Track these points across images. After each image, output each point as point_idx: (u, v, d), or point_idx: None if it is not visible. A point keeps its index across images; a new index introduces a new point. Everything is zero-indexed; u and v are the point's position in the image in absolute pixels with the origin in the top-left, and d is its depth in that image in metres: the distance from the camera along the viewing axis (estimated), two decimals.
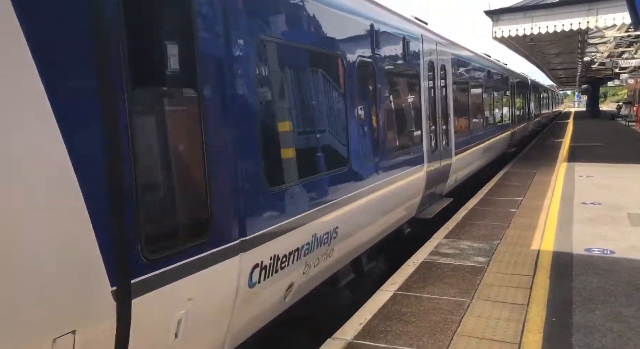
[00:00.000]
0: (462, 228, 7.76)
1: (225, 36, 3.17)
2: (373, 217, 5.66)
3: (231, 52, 3.21)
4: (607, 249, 6.42)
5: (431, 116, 7.93)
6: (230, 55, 3.21)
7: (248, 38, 3.39)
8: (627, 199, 9.46)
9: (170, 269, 2.66)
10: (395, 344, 4.03)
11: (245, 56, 3.34)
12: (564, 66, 39.31)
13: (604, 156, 16.30)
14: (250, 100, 3.37)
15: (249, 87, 3.36)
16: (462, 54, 10.80)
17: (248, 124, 3.33)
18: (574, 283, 5.27)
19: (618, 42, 24.87)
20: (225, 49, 3.17)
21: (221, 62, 3.13)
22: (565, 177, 12.21)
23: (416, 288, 5.28)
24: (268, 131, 3.66)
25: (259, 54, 3.53)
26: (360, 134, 5.27)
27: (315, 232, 4.18)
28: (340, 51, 4.84)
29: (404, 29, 6.93)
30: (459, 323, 4.40)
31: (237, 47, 3.27)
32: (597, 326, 4.26)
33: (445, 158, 8.67)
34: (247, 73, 3.36)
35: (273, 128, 3.76)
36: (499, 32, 14.93)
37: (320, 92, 4.51)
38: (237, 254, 3.16)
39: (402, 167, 6.46)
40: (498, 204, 9.53)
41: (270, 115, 3.77)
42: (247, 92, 3.33)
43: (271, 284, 3.59)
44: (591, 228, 7.44)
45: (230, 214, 3.15)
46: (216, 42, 3.11)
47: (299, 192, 3.96)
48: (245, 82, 3.33)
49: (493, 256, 6.28)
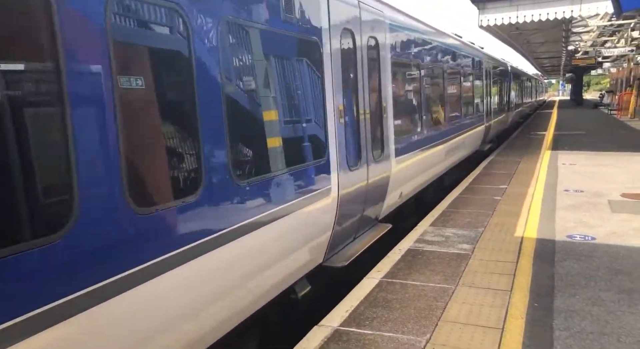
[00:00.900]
0: (448, 216, 7.84)
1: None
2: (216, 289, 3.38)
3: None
4: (588, 235, 6.55)
5: (347, 111, 5.35)
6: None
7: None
8: (608, 186, 9.64)
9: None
10: (380, 331, 4.08)
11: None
12: (548, 55, 39.69)
13: (586, 144, 16.55)
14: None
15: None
16: (410, 26, 7.96)
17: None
18: (556, 269, 5.38)
19: (601, 31, 25.15)
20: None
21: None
22: (549, 165, 12.38)
23: (402, 275, 5.34)
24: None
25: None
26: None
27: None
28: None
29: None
30: (443, 309, 4.47)
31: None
32: (577, 310, 4.36)
33: (379, 169, 6.19)
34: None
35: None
36: (485, 21, 14.99)
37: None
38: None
39: (282, 198, 4.09)
40: (483, 192, 9.63)
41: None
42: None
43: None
44: (573, 215, 7.58)
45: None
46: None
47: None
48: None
49: (477, 243, 6.36)
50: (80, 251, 2.40)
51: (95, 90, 2.53)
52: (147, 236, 2.77)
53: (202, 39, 3.22)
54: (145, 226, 2.76)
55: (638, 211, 7.67)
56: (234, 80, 3.69)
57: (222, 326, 3.52)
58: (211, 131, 3.28)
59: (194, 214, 3.09)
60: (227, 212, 3.42)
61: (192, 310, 3.14)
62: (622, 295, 4.65)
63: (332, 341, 3.94)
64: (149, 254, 2.76)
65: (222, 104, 3.39)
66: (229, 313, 3.56)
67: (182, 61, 3.11)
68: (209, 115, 3.26)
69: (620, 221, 7.18)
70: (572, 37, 26.71)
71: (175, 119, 3.17)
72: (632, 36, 23.72)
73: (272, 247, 4.00)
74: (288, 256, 4.26)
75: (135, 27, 2.91)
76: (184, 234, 3.02)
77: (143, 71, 2.91)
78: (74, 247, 2.37)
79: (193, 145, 3.20)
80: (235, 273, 3.53)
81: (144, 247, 2.75)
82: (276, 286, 4.17)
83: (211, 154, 3.27)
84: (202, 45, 3.22)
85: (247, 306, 3.78)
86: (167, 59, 3.12)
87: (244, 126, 3.73)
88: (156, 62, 3.01)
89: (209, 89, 3.27)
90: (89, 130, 2.49)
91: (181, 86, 3.15)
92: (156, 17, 2.97)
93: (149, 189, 2.92)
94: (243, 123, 3.72)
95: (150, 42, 2.98)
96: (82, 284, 2.39)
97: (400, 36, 7.35)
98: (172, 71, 3.14)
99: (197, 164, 3.17)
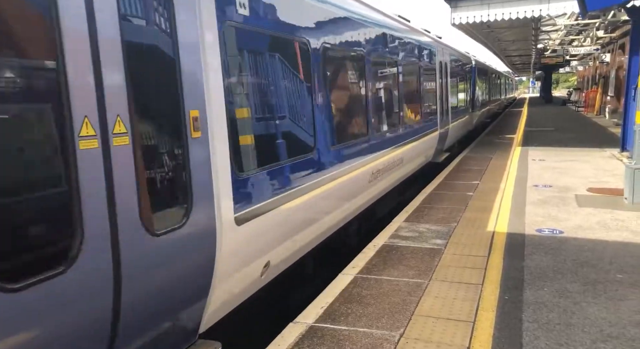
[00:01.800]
0: (422, 212, 7.95)
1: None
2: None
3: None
4: (556, 229, 6.74)
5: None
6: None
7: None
8: (575, 181, 9.94)
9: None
10: (355, 326, 4.12)
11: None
12: (519, 53, 40.54)
13: (555, 140, 17.02)
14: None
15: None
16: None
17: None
18: (525, 262, 5.52)
19: (568, 30, 25.83)
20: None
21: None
22: (520, 161, 12.69)
23: (376, 270, 5.39)
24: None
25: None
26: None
27: None
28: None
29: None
30: (417, 303, 4.54)
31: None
32: (545, 302, 4.49)
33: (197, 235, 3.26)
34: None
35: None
36: (457, 19, 15.20)
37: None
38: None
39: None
40: (456, 187, 9.80)
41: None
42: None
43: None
44: (542, 210, 7.79)
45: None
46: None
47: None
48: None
49: (450, 238, 6.47)
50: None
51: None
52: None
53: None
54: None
55: (602, 205, 7.94)
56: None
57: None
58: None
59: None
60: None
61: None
62: (587, 286, 4.81)
63: (307, 337, 3.96)
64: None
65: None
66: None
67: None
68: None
69: (586, 215, 7.42)
70: (541, 35, 27.37)
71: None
72: (597, 35, 24.45)
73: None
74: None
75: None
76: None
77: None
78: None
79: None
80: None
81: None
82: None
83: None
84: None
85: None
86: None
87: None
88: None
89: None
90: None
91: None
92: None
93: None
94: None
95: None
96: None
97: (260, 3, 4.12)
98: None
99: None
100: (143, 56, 2.89)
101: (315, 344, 3.86)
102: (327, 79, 5.58)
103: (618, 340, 3.79)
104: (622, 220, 7.07)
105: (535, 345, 3.74)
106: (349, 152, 6.09)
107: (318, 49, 5.29)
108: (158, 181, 2.97)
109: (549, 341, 3.80)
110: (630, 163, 8.14)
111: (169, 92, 3.03)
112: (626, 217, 7.22)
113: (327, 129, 5.48)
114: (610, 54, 27.01)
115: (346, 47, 6.26)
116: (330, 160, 5.48)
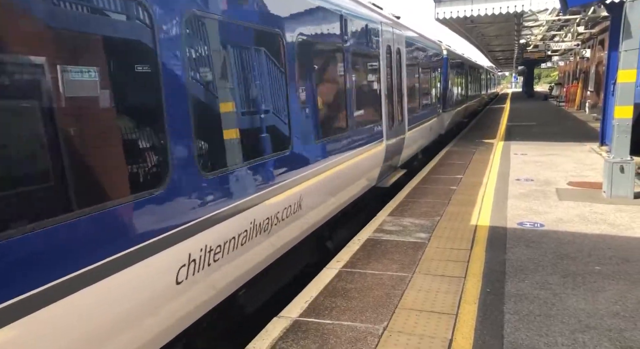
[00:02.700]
0: (406, 206, 8.00)
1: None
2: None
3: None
4: (537, 222, 6.85)
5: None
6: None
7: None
8: (556, 174, 10.11)
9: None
10: (339, 320, 4.14)
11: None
12: (502, 48, 40.91)
13: (537, 135, 17.26)
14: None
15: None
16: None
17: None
18: (507, 255, 5.60)
19: (550, 25, 26.16)
20: None
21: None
22: (502, 156, 12.84)
23: (361, 264, 5.42)
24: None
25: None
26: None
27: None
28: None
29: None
30: (400, 296, 4.57)
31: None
32: (526, 294, 4.57)
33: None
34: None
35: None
36: (441, 14, 15.26)
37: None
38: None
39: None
40: (439, 182, 9.88)
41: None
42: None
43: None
44: (524, 203, 7.90)
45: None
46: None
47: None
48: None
49: (434, 232, 6.53)
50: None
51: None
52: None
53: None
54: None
55: (582, 199, 8.09)
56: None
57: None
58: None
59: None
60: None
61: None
62: (567, 278, 4.91)
63: (291, 331, 3.96)
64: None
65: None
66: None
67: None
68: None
69: (567, 208, 7.55)
70: (523, 31, 27.65)
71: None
72: (577, 31, 24.80)
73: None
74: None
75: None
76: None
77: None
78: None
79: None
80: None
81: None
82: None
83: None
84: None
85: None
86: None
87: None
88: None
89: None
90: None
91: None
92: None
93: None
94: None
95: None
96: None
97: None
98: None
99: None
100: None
101: (299, 338, 3.86)
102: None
103: (596, 330, 3.87)
104: (601, 213, 7.21)
105: (516, 336, 3.81)
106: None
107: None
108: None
109: (530, 332, 3.87)
110: (609, 157, 8.30)
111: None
112: (605, 210, 7.37)
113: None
114: (590, 50, 27.43)
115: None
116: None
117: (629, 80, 7.92)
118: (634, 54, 7.81)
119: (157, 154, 3.24)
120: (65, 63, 2.67)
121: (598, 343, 3.70)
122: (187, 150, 3.40)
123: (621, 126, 8.08)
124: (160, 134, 3.24)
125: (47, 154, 2.56)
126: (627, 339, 3.73)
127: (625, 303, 4.33)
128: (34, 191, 2.51)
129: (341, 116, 6.70)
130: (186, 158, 3.38)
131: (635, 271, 5.05)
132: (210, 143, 3.83)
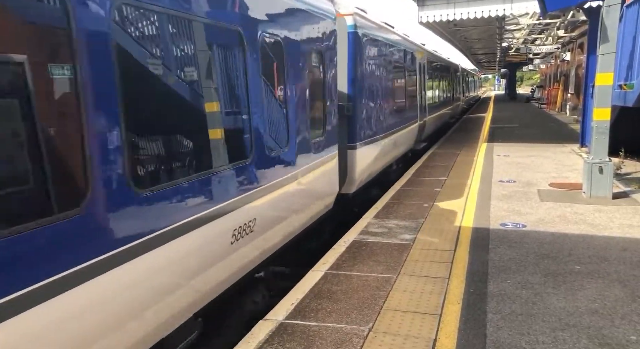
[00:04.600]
0: (391, 208, 8.07)
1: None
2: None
3: None
4: (519, 223, 6.97)
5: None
6: None
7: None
8: (538, 176, 10.29)
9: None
10: (325, 322, 4.17)
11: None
12: (485, 51, 41.52)
13: (519, 136, 17.54)
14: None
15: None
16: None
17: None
18: (490, 256, 5.69)
19: (531, 29, 26.62)
20: None
21: None
22: (485, 157, 13.02)
23: (346, 266, 5.45)
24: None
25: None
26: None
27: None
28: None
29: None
30: (385, 298, 4.62)
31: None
32: (508, 293, 4.65)
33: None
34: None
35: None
36: (424, 17, 15.45)
37: None
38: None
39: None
40: (424, 183, 9.99)
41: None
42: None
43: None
44: (506, 204, 8.03)
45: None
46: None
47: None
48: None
49: (418, 233, 6.60)
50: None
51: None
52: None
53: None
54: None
55: (563, 199, 8.26)
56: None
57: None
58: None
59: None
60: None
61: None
62: (547, 278, 5.01)
63: (277, 334, 3.98)
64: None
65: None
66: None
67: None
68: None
69: (548, 208, 7.70)
70: (505, 34, 28.10)
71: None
72: (557, 35, 25.28)
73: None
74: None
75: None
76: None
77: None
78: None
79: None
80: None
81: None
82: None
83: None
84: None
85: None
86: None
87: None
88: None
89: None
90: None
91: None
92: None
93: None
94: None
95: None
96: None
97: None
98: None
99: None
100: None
101: (285, 340, 3.88)
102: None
103: (575, 328, 3.97)
104: (581, 213, 7.37)
105: (499, 336, 3.88)
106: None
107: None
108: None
109: (512, 331, 3.94)
110: (588, 158, 8.49)
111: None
112: (584, 210, 7.53)
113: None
114: (570, 53, 27.98)
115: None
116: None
117: (606, 83, 8.11)
118: (611, 57, 8.01)
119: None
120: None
121: (577, 340, 3.78)
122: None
123: (599, 128, 8.26)
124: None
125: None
126: (605, 337, 3.82)
127: (604, 301, 4.44)
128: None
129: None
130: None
131: (613, 269, 5.18)
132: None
